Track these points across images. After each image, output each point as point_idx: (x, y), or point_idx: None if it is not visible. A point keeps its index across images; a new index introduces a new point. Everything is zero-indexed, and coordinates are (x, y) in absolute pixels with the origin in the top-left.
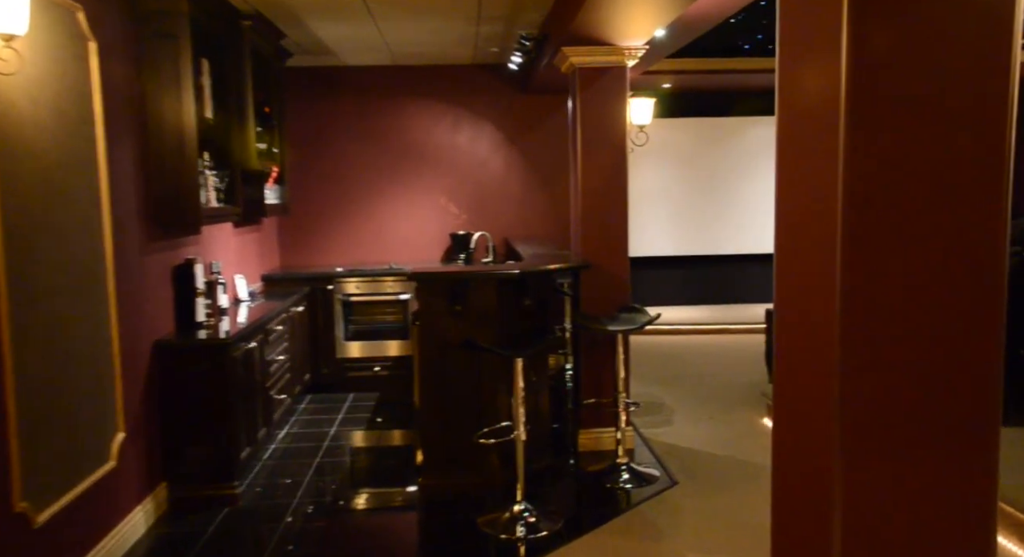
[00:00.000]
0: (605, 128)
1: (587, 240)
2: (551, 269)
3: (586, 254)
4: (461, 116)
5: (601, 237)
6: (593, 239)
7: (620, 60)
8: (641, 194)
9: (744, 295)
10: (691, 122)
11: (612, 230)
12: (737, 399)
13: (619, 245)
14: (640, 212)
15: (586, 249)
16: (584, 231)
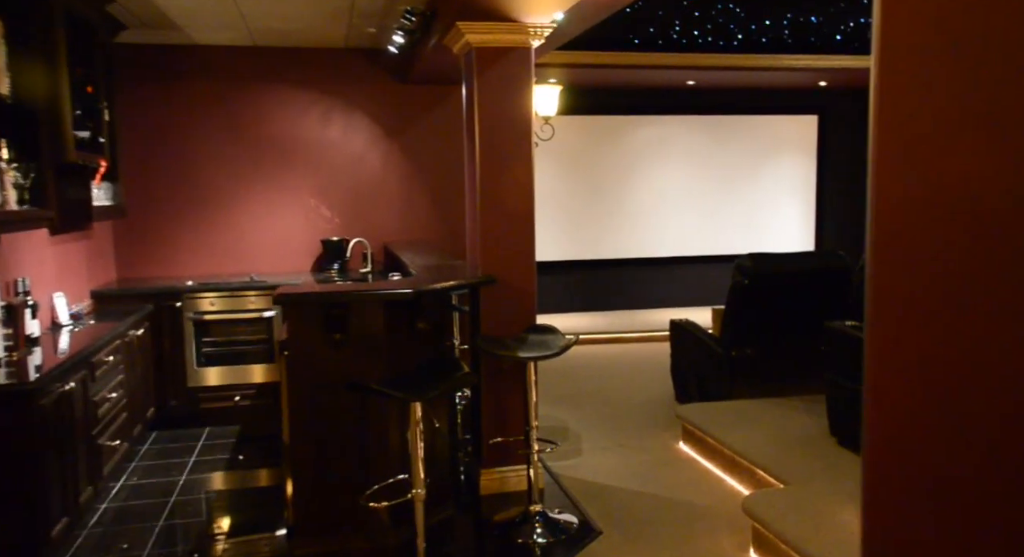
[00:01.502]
0: (508, 119)
1: (488, 249)
2: (450, 286)
3: (486, 266)
4: (333, 107)
5: (504, 245)
6: (495, 248)
7: (524, 40)
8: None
9: (636, 301)
10: (579, 120)
11: (517, 237)
12: (646, 420)
13: (525, 254)
14: None
15: (486, 260)
16: (484, 239)
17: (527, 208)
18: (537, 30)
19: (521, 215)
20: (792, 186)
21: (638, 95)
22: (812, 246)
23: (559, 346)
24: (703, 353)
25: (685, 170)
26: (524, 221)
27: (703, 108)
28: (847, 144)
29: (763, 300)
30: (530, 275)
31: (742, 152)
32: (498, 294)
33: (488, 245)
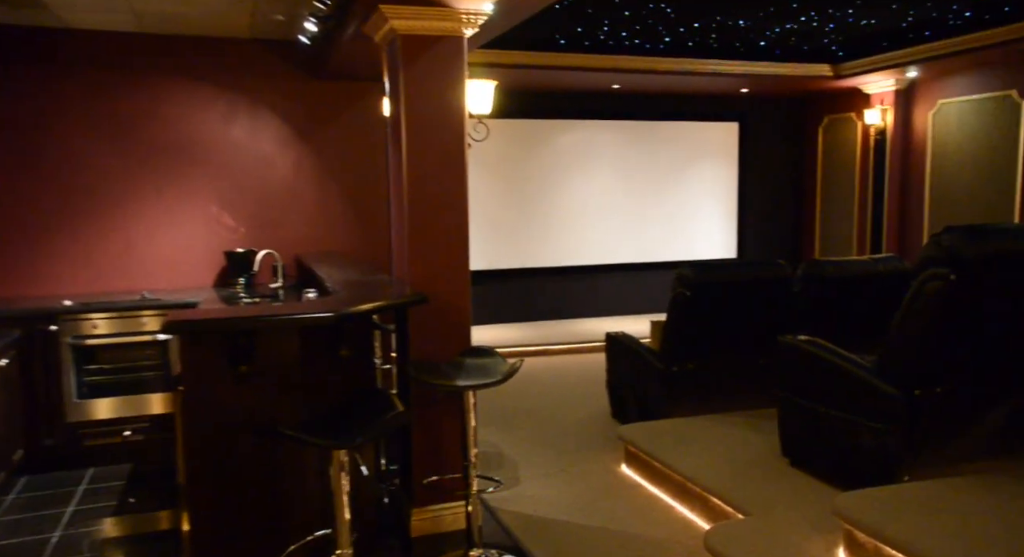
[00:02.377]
0: (439, 117)
1: (417, 263)
2: (376, 308)
3: (416, 282)
4: (238, 104)
5: (436, 259)
6: (425, 262)
7: (456, 27)
8: None
9: (564, 310)
10: (503, 124)
11: (450, 250)
12: (586, 441)
13: (459, 269)
14: None
15: (416, 275)
16: (413, 252)
17: (461, 218)
18: (470, 17)
19: (454, 226)
20: (715, 193)
21: (563, 98)
22: (735, 253)
23: (501, 372)
24: (642, 368)
25: (611, 176)
26: (457, 232)
27: (628, 113)
28: (767, 152)
29: (705, 312)
30: (464, 292)
31: (666, 158)
32: (429, 314)
33: (417, 259)
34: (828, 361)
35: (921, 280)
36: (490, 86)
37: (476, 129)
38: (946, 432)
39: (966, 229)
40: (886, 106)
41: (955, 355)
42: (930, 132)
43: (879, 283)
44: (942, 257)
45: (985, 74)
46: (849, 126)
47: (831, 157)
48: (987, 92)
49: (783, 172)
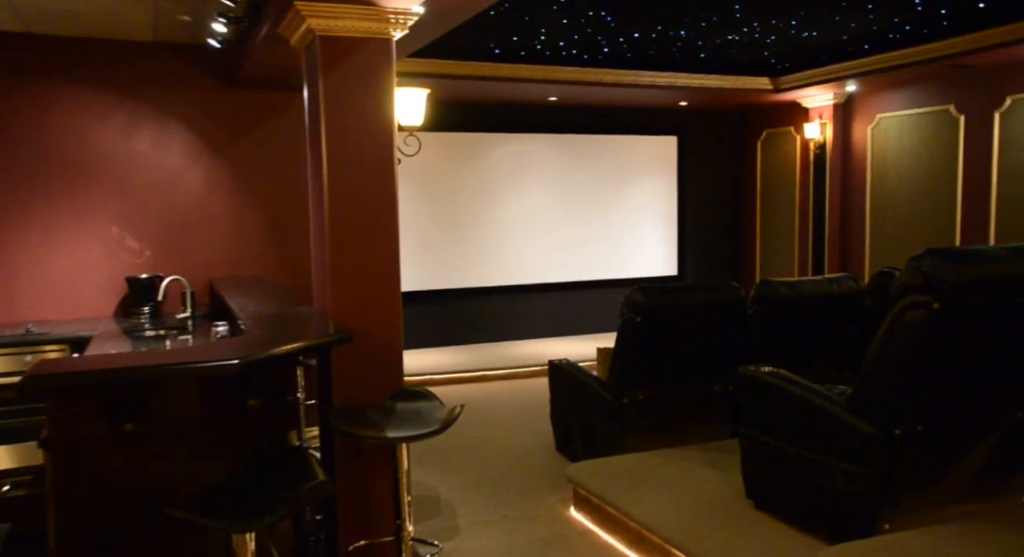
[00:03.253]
0: (364, 128)
1: (340, 293)
2: (293, 350)
3: (340, 315)
4: (140, 114)
5: (362, 290)
6: (350, 293)
7: (383, 29)
8: None
9: (500, 333)
10: (433, 137)
11: (379, 279)
12: (529, 480)
13: (389, 301)
14: None
15: (340, 308)
16: (335, 280)
17: (390, 242)
18: (399, 17)
19: (383, 251)
20: (654, 209)
21: (498, 111)
22: (675, 271)
23: (440, 419)
24: (588, 399)
25: (547, 192)
26: (387, 259)
27: (565, 126)
28: (705, 166)
29: (656, 339)
30: (395, 325)
31: (604, 173)
32: (355, 352)
33: (341, 289)
34: (795, 395)
35: (900, 309)
36: (422, 95)
37: (407, 143)
38: (928, 473)
39: (946, 253)
40: (825, 120)
41: (938, 389)
42: (870, 147)
43: (834, 303)
44: (923, 284)
45: (923, 89)
46: (788, 140)
47: (770, 172)
48: (925, 107)
49: (723, 187)
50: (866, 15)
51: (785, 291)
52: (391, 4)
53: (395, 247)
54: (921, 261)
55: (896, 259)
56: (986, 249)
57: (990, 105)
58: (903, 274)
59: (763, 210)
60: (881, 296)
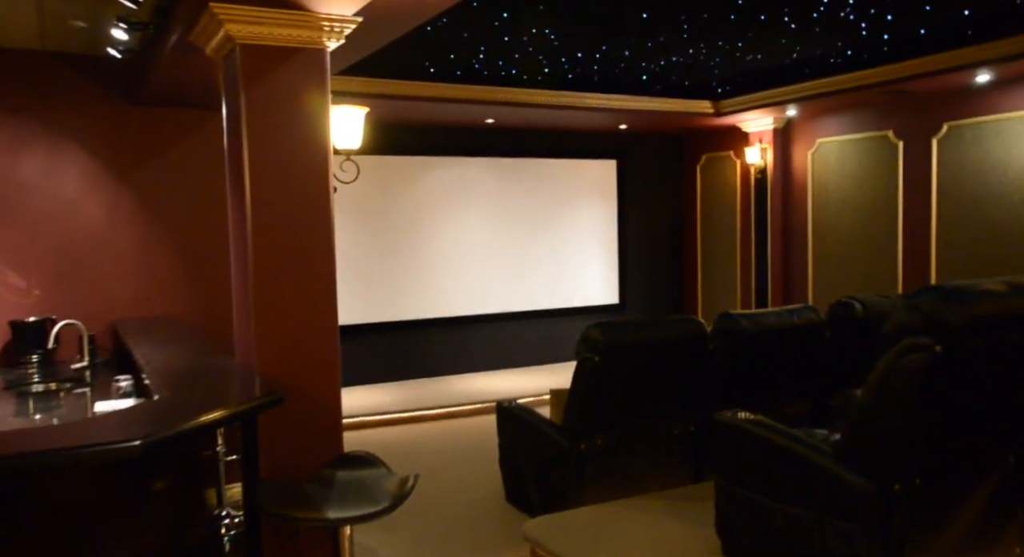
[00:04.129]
0: (294, 151)
1: (266, 343)
2: (211, 421)
3: (266, 368)
4: (28, 134)
5: (294, 335)
6: (277, 341)
7: (316, 38)
8: None
9: (440, 367)
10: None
11: (312, 325)
12: (481, 537)
13: (325, 347)
14: None
15: (265, 359)
16: (261, 328)
17: (326, 283)
18: (334, 25)
19: (317, 294)
20: (595, 236)
21: (434, 133)
22: (616, 299)
23: (390, 493)
24: (542, 445)
25: (486, 218)
26: (322, 302)
27: (503, 150)
28: (645, 191)
29: (615, 379)
30: (332, 379)
31: (544, 198)
32: (287, 413)
33: (268, 339)
34: (779, 445)
35: (898, 352)
36: (360, 115)
37: (343, 168)
38: (929, 529)
39: (945, 291)
40: (765, 145)
41: (937, 437)
42: (810, 172)
43: (795, 336)
44: (922, 324)
45: (862, 114)
46: (727, 165)
47: (710, 197)
48: (864, 132)
49: (663, 213)
50: (812, 39)
51: (746, 324)
52: (325, 9)
53: (331, 288)
54: (919, 300)
55: (839, 284)
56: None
57: (928, 131)
58: (898, 313)
59: (704, 236)
60: (840, 327)
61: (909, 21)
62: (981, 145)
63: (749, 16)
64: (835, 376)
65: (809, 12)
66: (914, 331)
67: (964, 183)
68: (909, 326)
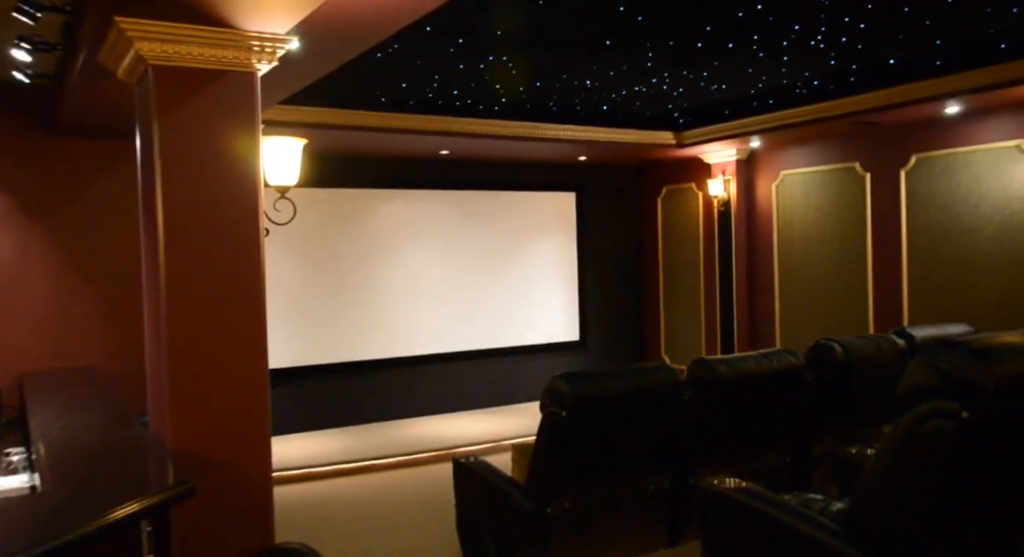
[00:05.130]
0: (218, 188)
1: (181, 412)
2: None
3: (181, 440)
4: None
5: (215, 402)
6: (196, 407)
7: (243, 59)
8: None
9: (390, 411)
10: (311, 194)
11: (239, 387)
12: None
13: (254, 414)
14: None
15: (181, 431)
16: (176, 392)
17: (254, 341)
18: (265, 46)
19: (245, 351)
20: (554, 271)
21: (385, 165)
22: (577, 336)
23: None
24: (504, 507)
25: (439, 253)
26: (250, 364)
27: (458, 182)
28: (605, 225)
29: (584, 434)
30: (262, 455)
31: (500, 232)
32: (207, 499)
33: (184, 407)
34: (774, 519)
35: (916, 418)
36: (297, 147)
37: (276, 207)
38: None
39: (969, 348)
40: (728, 176)
41: (961, 516)
42: (775, 204)
43: (774, 381)
44: (944, 386)
45: (828, 146)
46: (690, 197)
47: (672, 230)
48: (830, 164)
49: (623, 246)
50: (780, 68)
51: (724, 371)
52: (253, 26)
53: (261, 343)
54: (939, 357)
55: (808, 321)
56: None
57: (896, 163)
58: (914, 373)
59: (666, 270)
60: (821, 371)
61: (879, 50)
62: (951, 178)
63: (718, 44)
64: (816, 424)
65: (780, 40)
66: (934, 393)
67: (935, 217)
68: (928, 388)
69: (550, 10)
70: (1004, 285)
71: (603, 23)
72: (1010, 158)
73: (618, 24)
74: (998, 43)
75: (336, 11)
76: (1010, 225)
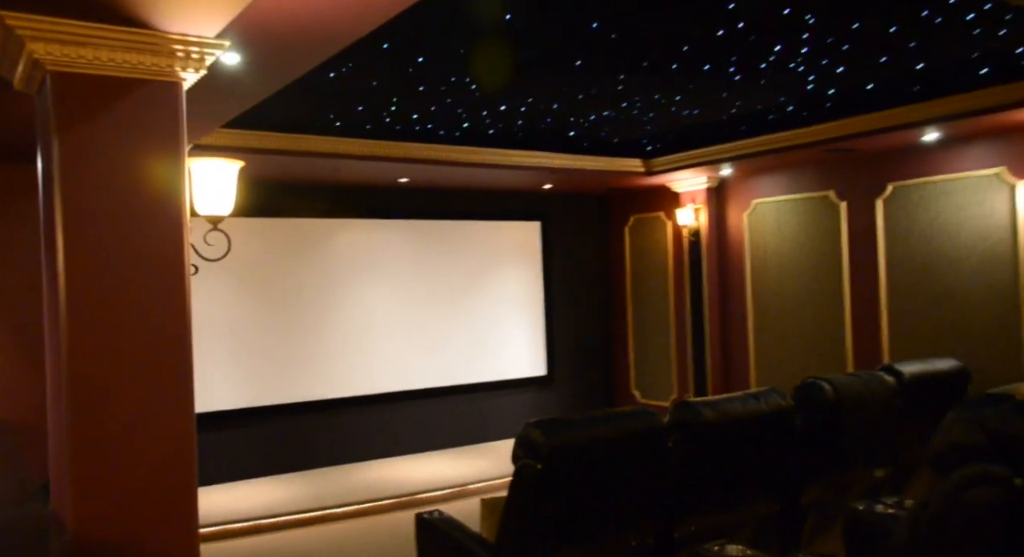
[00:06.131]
0: (131, 218)
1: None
2: None
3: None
4: None
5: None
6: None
7: (167, 67)
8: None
9: (346, 453)
10: (258, 224)
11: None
12: None
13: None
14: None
15: (83, 513)
16: (78, 463)
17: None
18: (191, 50)
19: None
20: (520, 303)
21: (341, 193)
22: (544, 371)
23: None
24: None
25: (400, 285)
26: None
27: (419, 211)
28: (571, 255)
29: (561, 487)
30: (185, 540)
31: (464, 263)
32: None
33: (86, 480)
34: None
35: (958, 484)
36: (232, 170)
37: (208, 240)
38: None
39: (1014, 403)
40: (698, 205)
41: None
42: (747, 234)
43: (762, 424)
44: (989, 447)
45: (801, 173)
46: (658, 226)
47: (641, 261)
48: (804, 192)
49: (590, 277)
50: (755, 92)
51: (709, 414)
52: (177, 28)
53: (187, 403)
54: (983, 413)
55: (782, 355)
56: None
57: (872, 192)
58: (953, 431)
59: (635, 301)
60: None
61: (859, 74)
62: (930, 207)
63: (694, 65)
64: (806, 469)
65: (758, 62)
66: (978, 455)
67: (913, 247)
68: (972, 449)
69: (516, 28)
70: (987, 318)
71: (574, 42)
72: (990, 187)
73: (589, 43)
74: (979, 68)
75: (277, 20)
76: (992, 256)
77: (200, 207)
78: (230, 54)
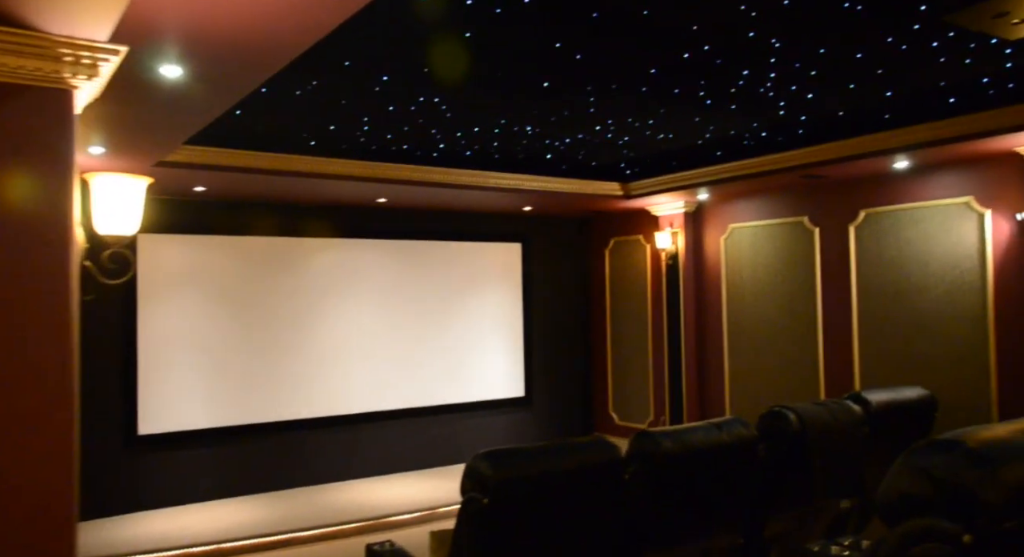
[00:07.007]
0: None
1: None
2: None
3: None
4: None
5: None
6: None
7: (53, 72)
8: (153, 344)
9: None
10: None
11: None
12: None
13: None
14: (152, 372)
15: None
16: None
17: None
18: (81, 55)
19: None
20: (498, 324)
21: (317, 213)
22: (522, 391)
23: None
24: None
25: (376, 306)
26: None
27: (396, 232)
28: (551, 277)
29: (510, 521)
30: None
31: (441, 284)
32: None
33: None
34: None
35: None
36: (137, 186)
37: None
38: None
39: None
40: (676, 229)
41: None
42: (723, 258)
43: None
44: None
45: (776, 199)
46: (637, 249)
47: (620, 283)
48: (778, 218)
49: (570, 299)
50: (727, 117)
51: (669, 445)
52: (63, 29)
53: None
54: (930, 461)
55: (756, 378)
56: (998, 435)
57: (844, 218)
58: (899, 479)
59: (614, 323)
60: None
61: (829, 101)
62: (900, 234)
63: (663, 89)
64: (769, 501)
65: (727, 86)
66: (923, 507)
67: (885, 273)
68: (916, 500)
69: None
70: (956, 347)
71: (539, 62)
72: (960, 215)
73: (555, 63)
74: (947, 97)
75: (215, 31)
76: (961, 285)
77: (101, 227)
78: (172, 67)
